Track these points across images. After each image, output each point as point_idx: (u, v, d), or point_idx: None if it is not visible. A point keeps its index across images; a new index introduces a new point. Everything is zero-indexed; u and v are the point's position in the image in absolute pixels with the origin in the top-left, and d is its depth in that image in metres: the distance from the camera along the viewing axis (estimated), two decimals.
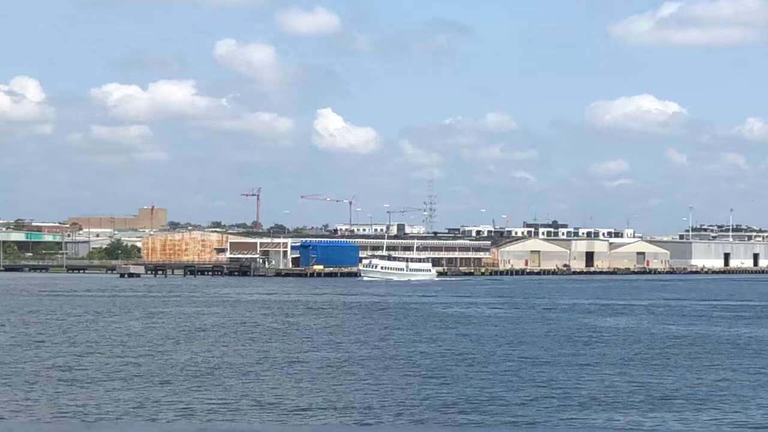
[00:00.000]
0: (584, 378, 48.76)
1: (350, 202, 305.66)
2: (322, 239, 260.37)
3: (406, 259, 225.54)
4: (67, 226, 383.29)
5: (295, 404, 40.08)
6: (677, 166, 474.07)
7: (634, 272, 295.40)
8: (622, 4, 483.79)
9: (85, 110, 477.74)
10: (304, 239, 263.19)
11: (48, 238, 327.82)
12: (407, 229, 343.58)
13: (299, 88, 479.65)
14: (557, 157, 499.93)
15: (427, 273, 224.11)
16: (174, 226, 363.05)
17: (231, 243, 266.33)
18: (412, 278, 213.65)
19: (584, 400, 42.00)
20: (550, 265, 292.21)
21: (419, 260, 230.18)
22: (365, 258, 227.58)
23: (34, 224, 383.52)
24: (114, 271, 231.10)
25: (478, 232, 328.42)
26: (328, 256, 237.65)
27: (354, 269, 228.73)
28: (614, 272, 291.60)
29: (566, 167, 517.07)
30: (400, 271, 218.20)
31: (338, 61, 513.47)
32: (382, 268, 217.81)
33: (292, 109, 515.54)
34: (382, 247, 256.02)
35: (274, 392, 43.39)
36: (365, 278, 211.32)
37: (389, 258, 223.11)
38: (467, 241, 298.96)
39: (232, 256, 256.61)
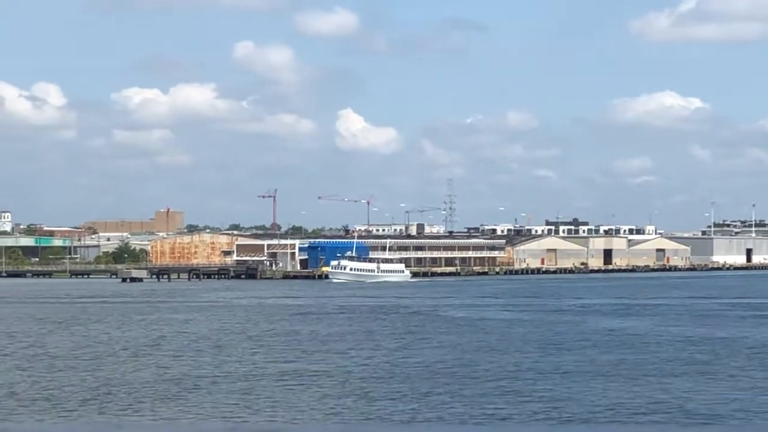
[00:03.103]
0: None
1: (368, 203, 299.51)
2: (332, 240, 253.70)
3: (377, 260, 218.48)
4: (82, 230, 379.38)
5: None
6: (700, 162, 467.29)
7: (653, 269, 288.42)
8: (640, 0, 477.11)
9: (107, 115, 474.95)
10: (312, 240, 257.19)
11: (58, 242, 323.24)
12: (427, 229, 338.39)
13: (319, 89, 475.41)
14: (579, 155, 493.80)
15: (400, 274, 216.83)
16: (192, 229, 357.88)
17: (238, 245, 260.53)
18: (384, 279, 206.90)
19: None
20: (567, 264, 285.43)
21: (391, 261, 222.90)
22: (334, 260, 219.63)
23: (46, 229, 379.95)
24: (116, 276, 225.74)
25: (492, 231, 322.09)
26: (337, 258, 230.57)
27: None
28: (633, 270, 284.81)
29: (588, 165, 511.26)
30: (370, 273, 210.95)
31: (357, 61, 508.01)
32: (351, 269, 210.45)
33: (313, 111, 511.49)
34: (393, 247, 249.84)
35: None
36: (334, 280, 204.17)
37: (359, 259, 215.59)
38: (481, 240, 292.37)
39: (239, 258, 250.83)
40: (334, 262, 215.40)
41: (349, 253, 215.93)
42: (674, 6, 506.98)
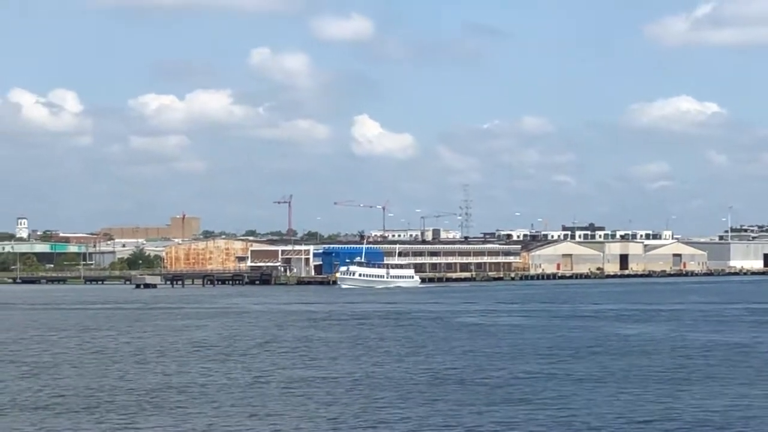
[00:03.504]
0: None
1: (383, 208, 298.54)
2: (346, 246, 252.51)
3: (387, 266, 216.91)
4: (98, 236, 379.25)
5: None
6: (717, 166, 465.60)
7: (670, 275, 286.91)
8: (656, 5, 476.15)
9: (123, 121, 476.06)
10: (326, 246, 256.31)
11: (73, 249, 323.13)
12: (443, 235, 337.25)
13: (335, 94, 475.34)
14: (596, 160, 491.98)
15: (409, 280, 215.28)
16: (208, 235, 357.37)
17: (252, 251, 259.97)
18: (393, 285, 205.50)
19: None
20: (583, 269, 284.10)
21: (401, 266, 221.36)
22: (343, 266, 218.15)
23: (61, 235, 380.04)
24: (130, 282, 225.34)
25: (508, 236, 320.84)
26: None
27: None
28: (649, 275, 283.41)
29: (605, 170, 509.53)
30: (379, 278, 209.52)
31: (373, 66, 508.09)
32: (360, 275, 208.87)
33: (329, 116, 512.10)
34: (404, 252, 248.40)
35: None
36: (343, 286, 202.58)
37: (369, 264, 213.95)
38: (496, 246, 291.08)
39: (253, 264, 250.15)
40: (343, 268, 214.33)
41: (358, 259, 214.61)
42: (690, 10, 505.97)
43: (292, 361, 59.16)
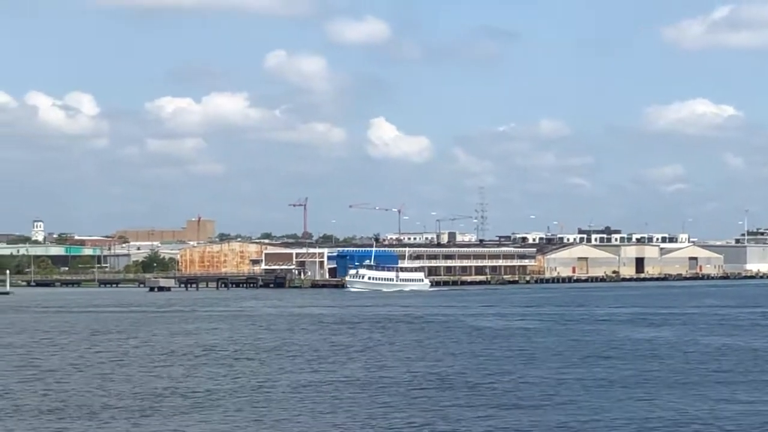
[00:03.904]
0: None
1: (399, 211, 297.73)
2: (360, 249, 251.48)
3: (396, 269, 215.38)
4: (114, 239, 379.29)
5: None
6: (733, 169, 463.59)
7: (686, 278, 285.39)
8: (673, 8, 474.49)
9: (140, 124, 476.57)
10: (341, 249, 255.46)
11: (88, 252, 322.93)
12: (458, 237, 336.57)
13: (351, 97, 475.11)
14: (612, 163, 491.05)
15: (419, 283, 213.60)
16: (223, 237, 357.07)
17: (266, 254, 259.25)
18: (402, 288, 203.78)
19: None
20: (598, 272, 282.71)
21: (410, 269, 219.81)
22: (352, 268, 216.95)
23: (77, 238, 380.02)
24: (144, 285, 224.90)
25: (523, 239, 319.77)
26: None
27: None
28: (665, 278, 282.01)
29: (621, 173, 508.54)
30: (389, 282, 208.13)
31: (389, 69, 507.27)
32: (369, 278, 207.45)
33: (345, 119, 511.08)
34: (413, 255, 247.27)
35: None
36: (351, 289, 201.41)
37: (378, 267, 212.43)
38: (512, 249, 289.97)
39: (267, 267, 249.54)
40: (352, 271, 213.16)
41: (367, 262, 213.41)
42: (707, 13, 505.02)
43: (298, 365, 58.56)
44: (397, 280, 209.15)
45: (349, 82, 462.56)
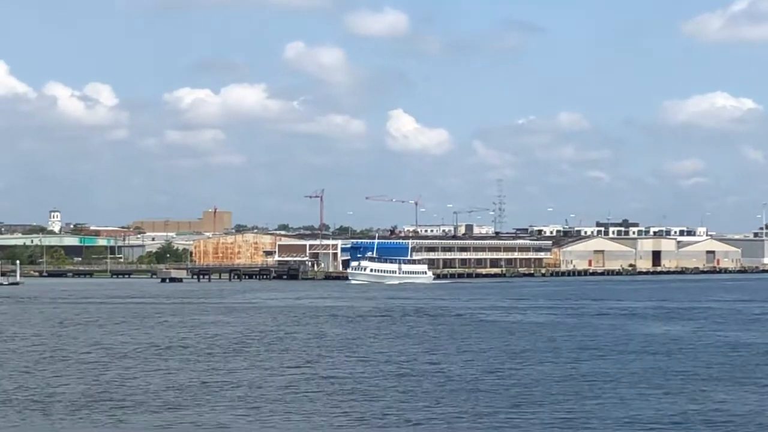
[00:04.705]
0: None
1: (416, 203, 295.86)
2: (373, 241, 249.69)
3: (399, 261, 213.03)
4: (129, 230, 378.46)
5: None
6: (752, 163, 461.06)
7: (703, 272, 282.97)
8: (692, 1, 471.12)
9: (158, 115, 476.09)
10: (354, 241, 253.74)
11: (102, 242, 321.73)
12: (476, 230, 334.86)
13: (370, 89, 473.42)
14: (631, 156, 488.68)
15: (422, 275, 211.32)
16: (240, 229, 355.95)
17: (280, 245, 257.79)
18: (405, 281, 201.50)
19: None
20: (614, 265, 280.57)
21: (414, 262, 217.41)
22: (354, 260, 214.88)
23: (92, 228, 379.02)
24: (156, 276, 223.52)
25: (539, 232, 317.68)
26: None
27: None
28: (682, 272, 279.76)
29: (640, 166, 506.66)
30: (391, 274, 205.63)
31: (408, 62, 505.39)
32: (371, 270, 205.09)
33: (364, 111, 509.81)
34: (438, 248, 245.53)
35: None
36: (353, 281, 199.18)
37: (380, 260, 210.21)
38: (527, 241, 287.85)
39: (280, 258, 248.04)
40: (354, 263, 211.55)
41: (369, 254, 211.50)
42: (726, 7, 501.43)
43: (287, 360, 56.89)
44: (399, 273, 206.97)
45: (368, 74, 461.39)
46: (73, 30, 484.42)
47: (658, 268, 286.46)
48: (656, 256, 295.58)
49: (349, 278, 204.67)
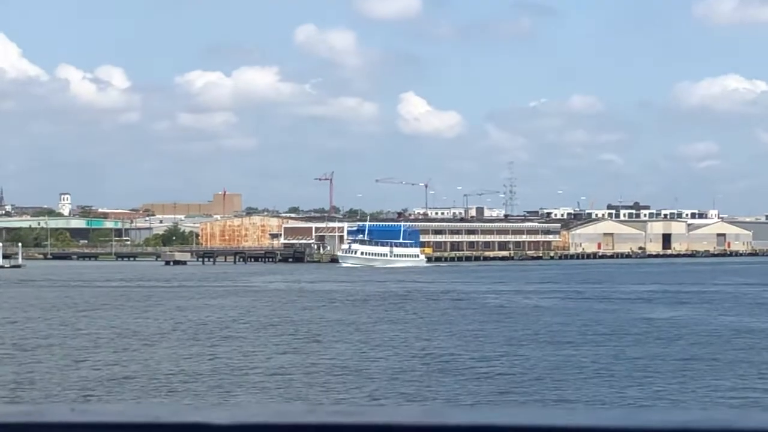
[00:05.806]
0: None
1: (425, 186, 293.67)
2: (380, 223, 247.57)
3: (390, 244, 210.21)
4: (138, 212, 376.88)
5: None
6: (765, 145, 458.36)
7: (713, 255, 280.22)
8: None
9: (170, 98, 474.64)
10: (361, 224, 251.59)
11: (109, 224, 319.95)
12: (486, 213, 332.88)
13: (382, 72, 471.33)
14: (643, 139, 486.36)
15: (414, 259, 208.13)
16: (251, 211, 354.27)
17: (286, 228, 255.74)
18: (396, 265, 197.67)
19: None
20: (624, 248, 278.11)
21: (406, 245, 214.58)
22: (345, 243, 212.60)
23: (101, 211, 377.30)
24: (160, 259, 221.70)
25: (548, 214, 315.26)
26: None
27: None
28: (692, 255, 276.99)
29: (652, 149, 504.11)
30: (382, 257, 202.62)
31: (420, 45, 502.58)
32: (362, 253, 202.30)
33: (376, 94, 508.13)
34: (445, 230, 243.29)
35: None
36: (343, 264, 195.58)
37: (372, 243, 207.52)
38: (536, 224, 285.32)
39: (286, 241, 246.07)
40: (344, 246, 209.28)
41: (360, 237, 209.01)
42: None
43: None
44: (390, 256, 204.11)
45: (380, 56, 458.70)
46: (85, 12, 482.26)
47: (668, 251, 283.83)
48: (666, 238, 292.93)
49: (340, 261, 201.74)
